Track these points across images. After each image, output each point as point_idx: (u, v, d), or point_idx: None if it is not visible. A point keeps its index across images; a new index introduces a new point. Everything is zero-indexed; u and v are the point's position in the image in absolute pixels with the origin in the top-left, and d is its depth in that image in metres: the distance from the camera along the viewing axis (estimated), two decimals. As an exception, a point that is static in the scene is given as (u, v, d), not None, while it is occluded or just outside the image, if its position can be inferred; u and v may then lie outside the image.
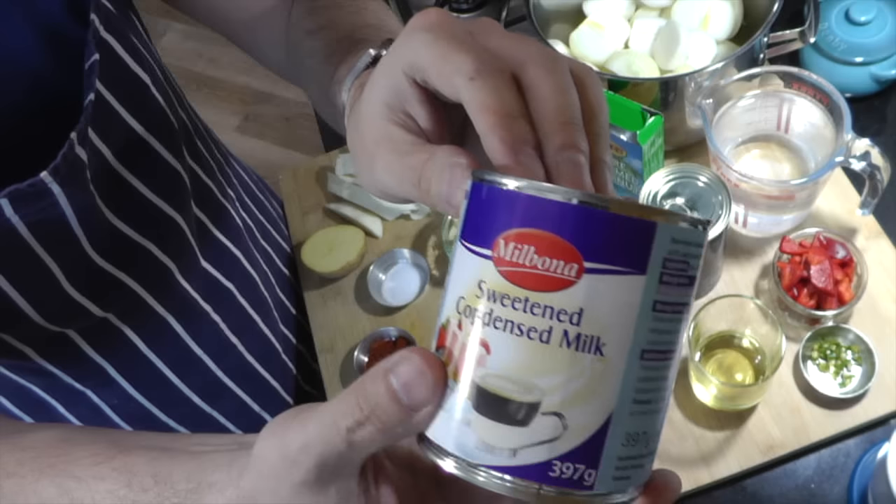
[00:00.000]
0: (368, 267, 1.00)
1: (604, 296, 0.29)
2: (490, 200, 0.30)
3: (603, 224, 0.29)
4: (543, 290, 0.29)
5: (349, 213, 1.05)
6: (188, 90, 2.50)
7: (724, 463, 0.83)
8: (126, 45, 0.62)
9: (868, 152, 0.81)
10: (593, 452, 0.30)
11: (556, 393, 0.29)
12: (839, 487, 0.82)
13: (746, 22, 0.99)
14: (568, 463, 0.30)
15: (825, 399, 0.84)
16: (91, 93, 0.57)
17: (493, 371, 0.30)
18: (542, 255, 0.29)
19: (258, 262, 0.88)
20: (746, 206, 0.89)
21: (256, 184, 0.98)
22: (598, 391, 0.29)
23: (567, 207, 0.29)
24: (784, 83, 0.88)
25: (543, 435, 0.30)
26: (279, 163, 2.19)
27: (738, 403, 0.85)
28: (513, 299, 0.29)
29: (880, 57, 0.99)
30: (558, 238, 0.29)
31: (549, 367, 0.29)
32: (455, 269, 0.32)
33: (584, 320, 0.29)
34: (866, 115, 1.01)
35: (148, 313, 0.71)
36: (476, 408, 0.30)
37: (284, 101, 2.46)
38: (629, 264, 0.29)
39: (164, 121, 0.68)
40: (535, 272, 0.29)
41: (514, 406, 0.30)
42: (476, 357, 0.30)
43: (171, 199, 0.69)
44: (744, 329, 0.86)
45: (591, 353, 0.29)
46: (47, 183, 0.54)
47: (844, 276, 0.86)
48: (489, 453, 0.30)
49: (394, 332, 0.95)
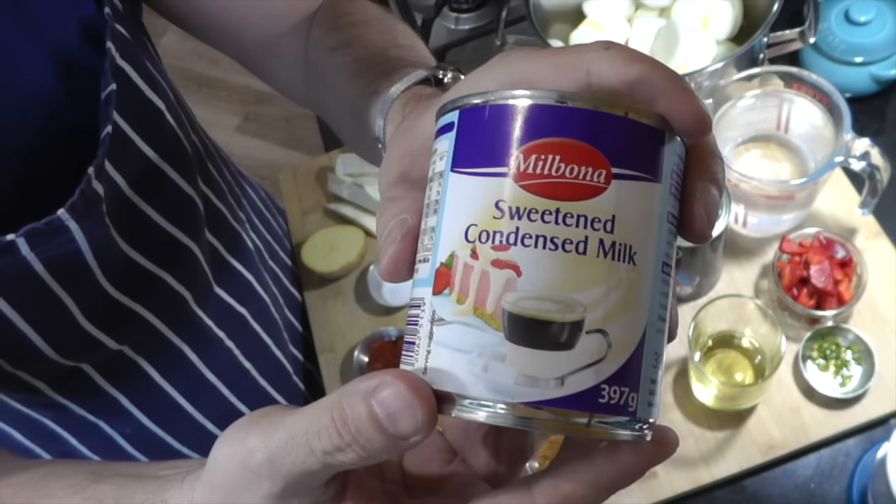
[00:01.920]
0: (368, 267, 1.00)
1: (631, 203, 0.28)
2: (496, 119, 0.29)
3: (626, 129, 0.28)
4: (574, 198, 0.28)
5: (349, 213, 1.05)
6: (188, 90, 2.50)
7: (724, 463, 0.83)
8: (141, 71, 0.61)
9: (868, 152, 0.81)
10: (634, 373, 0.28)
11: (598, 308, 0.28)
12: (839, 487, 0.82)
13: (746, 22, 0.98)
14: (615, 386, 0.28)
15: (825, 399, 0.84)
16: (108, 125, 0.56)
17: (527, 293, 0.28)
18: (569, 163, 0.28)
19: (268, 284, 0.88)
20: (746, 206, 0.89)
21: (263, 201, 0.97)
22: (633, 303, 0.28)
23: (592, 114, 0.28)
24: (784, 83, 0.88)
25: (590, 356, 0.28)
26: (279, 163, 2.19)
27: (738, 403, 0.85)
28: (542, 212, 0.28)
29: (880, 57, 0.99)
30: (584, 144, 0.28)
31: (588, 280, 0.28)
32: (451, 202, 0.29)
33: (617, 227, 0.28)
34: (866, 115, 1.01)
35: (163, 343, 0.70)
36: (511, 338, 0.28)
37: (284, 101, 2.44)
38: (649, 171, 0.29)
39: (178, 147, 0.67)
40: (563, 181, 0.28)
41: (557, 327, 0.28)
42: (504, 282, 0.28)
43: (185, 226, 0.68)
44: (744, 329, 0.86)
45: (626, 263, 0.28)
46: (64, 220, 0.53)
47: (844, 276, 0.86)
48: (532, 387, 0.28)
49: (394, 332, 0.95)
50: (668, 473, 0.83)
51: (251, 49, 0.66)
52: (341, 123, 0.60)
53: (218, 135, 0.89)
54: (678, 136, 0.30)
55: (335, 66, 0.57)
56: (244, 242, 0.82)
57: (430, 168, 0.31)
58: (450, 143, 0.30)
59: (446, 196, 0.30)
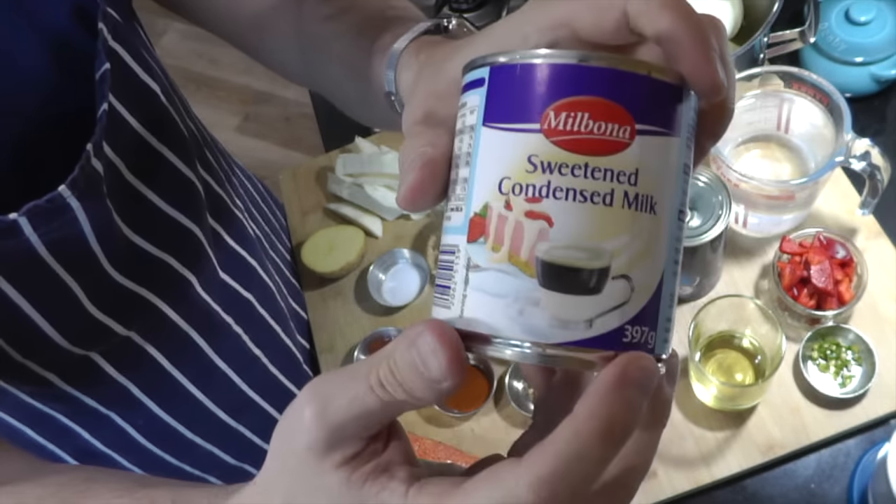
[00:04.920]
0: (368, 267, 1.00)
1: (652, 156, 0.30)
2: (527, 77, 0.31)
3: (649, 88, 0.30)
4: (602, 153, 0.30)
5: (349, 213, 1.05)
6: (188, 90, 2.51)
7: (724, 463, 0.83)
8: (134, 54, 0.61)
9: (868, 152, 0.81)
10: (653, 313, 0.31)
11: (622, 255, 0.30)
12: (839, 487, 0.82)
13: (746, 22, 0.98)
14: (637, 326, 0.31)
15: (825, 399, 0.84)
16: (104, 103, 0.56)
17: (559, 243, 0.30)
18: (597, 120, 0.30)
19: (271, 272, 0.88)
20: (746, 206, 0.89)
21: (260, 193, 0.97)
22: (653, 250, 0.31)
23: (618, 73, 0.30)
24: (784, 83, 0.88)
25: (615, 300, 0.30)
26: (279, 163, 2.19)
27: (738, 403, 0.85)
28: (572, 166, 0.30)
29: (880, 57, 0.99)
30: (611, 102, 0.30)
31: (614, 229, 0.30)
32: (483, 155, 0.31)
33: (640, 180, 0.30)
34: (866, 115, 1.01)
35: (170, 329, 0.70)
36: (545, 284, 0.30)
37: (284, 101, 2.46)
38: (669, 126, 0.31)
39: (176, 130, 0.67)
40: (591, 137, 0.30)
41: (586, 274, 0.30)
42: (537, 232, 0.30)
43: (186, 210, 0.68)
44: (744, 329, 0.86)
45: (648, 213, 0.30)
46: (66, 197, 0.53)
47: (844, 276, 0.86)
48: (564, 329, 0.30)
49: (394, 332, 0.95)
50: (668, 473, 0.83)
51: (244, 27, 0.66)
52: (344, 92, 0.60)
53: (218, 135, 0.89)
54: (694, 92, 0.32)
55: (333, 33, 0.57)
56: (245, 229, 0.82)
57: (459, 120, 0.33)
58: (480, 98, 0.32)
59: (478, 149, 0.32)
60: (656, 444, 0.34)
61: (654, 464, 0.85)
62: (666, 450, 0.84)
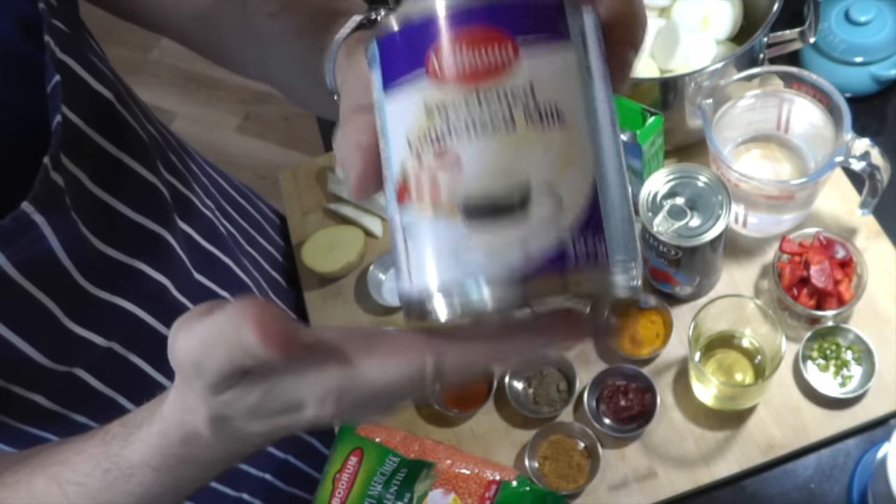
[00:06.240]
0: (368, 267, 1.00)
1: (544, 65, 0.30)
2: (405, 37, 0.31)
3: (526, 3, 0.30)
4: (489, 77, 0.30)
5: (349, 213, 1.05)
6: (188, 90, 2.51)
7: (724, 463, 0.83)
8: (85, 64, 0.61)
9: (868, 152, 0.81)
10: (597, 221, 0.30)
11: (539, 171, 0.30)
12: (839, 487, 0.82)
13: (746, 22, 0.98)
14: (581, 237, 0.30)
15: (825, 399, 0.84)
16: (58, 114, 0.56)
17: (472, 178, 0.30)
18: (473, 47, 0.30)
19: (248, 269, 0.88)
20: (746, 206, 0.89)
21: (236, 188, 0.97)
22: (574, 157, 0.30)
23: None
24: (784, 83, 0.88)
25: (545, 214, 0.29)
26: (279, 163, 2.19)
27: (738, 403, 0.85)
28: (465, 99, 0.30)
29: (880, 57, 0.99)
30: (483, 26, 0.30)
31: (525, 148, 0.30)
32: (390, 120, 0.32)
33: (537, 92, 0.30)
34: (866, 115, 1.01)
35: (150, 335, 0.70)
36: (471, 222, 0.30)
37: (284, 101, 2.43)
38: (554, 31, 0.31)
39: (134, 137, 0.67)
40: (475, 65, 0.30)
41: (506, 199, 0.29)
42: (450, 173, 0.30)
43: (154, 215, 0.68)
44: (744, 329, 0.86)
45: (555, 122, 0.30)
46: (29, 214, 0.53)
47: (844, 276, 0.86)
48: (500, 259, 0.29)
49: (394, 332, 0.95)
50: (668, 473, 0.83)
51: (190, 25, 0.65)
52: (297, 87, 0.60)
53: (218, 135, 0.89)
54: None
55: (278, 31, 0.57)
56: (217, 228, 0.82)
57: (373, 100, 0.34)
58: (377, 72, 0.33)
59: (385, 117, 0.32)
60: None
61: (654, 464, 0.86)
62: (666, 450, 0.84)
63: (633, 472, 0.84)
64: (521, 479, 0.82)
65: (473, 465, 0.83)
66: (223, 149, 2.37)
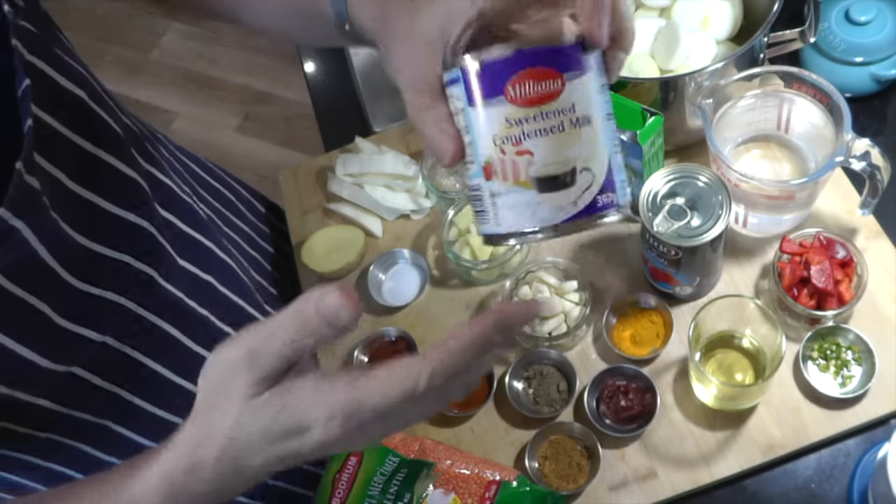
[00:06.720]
0: (368, 267, 1.00)
1: (579, 91, 0.46)
2: (486, 70, 0.46)
3: (564, 50, 0.46)
4: (548, 101, 0.46)
5: (349, 213, 1.05)
6: (188, 90, 2.51)
7: (724, 463, 0.83)
8: (54, 63, 0.61)
9: (868, 152, 0.81)
10: (611, 183, 0.48)
11: (581, 157, 0.47)
12: (839, 487, 0.82)
13: (746, 22, 0.98)
14: (604, 195, 0.47)
15: (825, 399, 0.84)
16: (29, 118, 0.56)
17: (540, 164, 0.46)
18: (538, 81, 0.46)
19: (229, 249, 0.88)
20: (746, 206, 0.89)
21: (208, 171, 0.97)
22: (598, 146, 0.47)
23: (542, 49, 0.46)
24: (784, 83, 0.88)
25: (585, 184, 0.47)
26: (279, 163, 2.19)
27: (738, 403, 0.85)
28: (534, 116, 0.46)
29: (880, 57, 0.99)
30: (543, 68, 0.46)
31: (570, 143, 0.46)
32: (475, 125, 0.47)
33: (576, 108, 0.46)
34: (866, 115, 1.01)
35: (142, 326, 0.70)
36: (540, 191, 0.46)
37: (284, 101, 2.46)
38: (582, 67, 0.47)
39: (109, 132, 0.67)
40: (539, 94, 0.46)
41: (562, 176, 0.46)
42: (526, 162, 0.46)
43: (135, 207, 0.69)
44: (744, 329, 0.86)
45: (587, 126, 0.47)
46: (7, 219, 0.53)
47: (844, 276, 0.86)
48: (562, 212, 0.47)
49: (394, 332, 0.95)
50: (668, 473, 0.83)
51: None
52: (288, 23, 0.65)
53: (218, 135, 0.89)
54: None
55: None
56: (197, 213, 0.83)
57: (452, 105, 0.48)
58: (461, 91, 0.47)
59: (472, 123, 0.47)
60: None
61: (654, 464, 0.86)
62: (666, 450, 0.84)
63: (633, 473, 0.84)
64: (521, 479, 0.82)
65: (473, 466, 0.83)
66: (223, 149, 2.37)
